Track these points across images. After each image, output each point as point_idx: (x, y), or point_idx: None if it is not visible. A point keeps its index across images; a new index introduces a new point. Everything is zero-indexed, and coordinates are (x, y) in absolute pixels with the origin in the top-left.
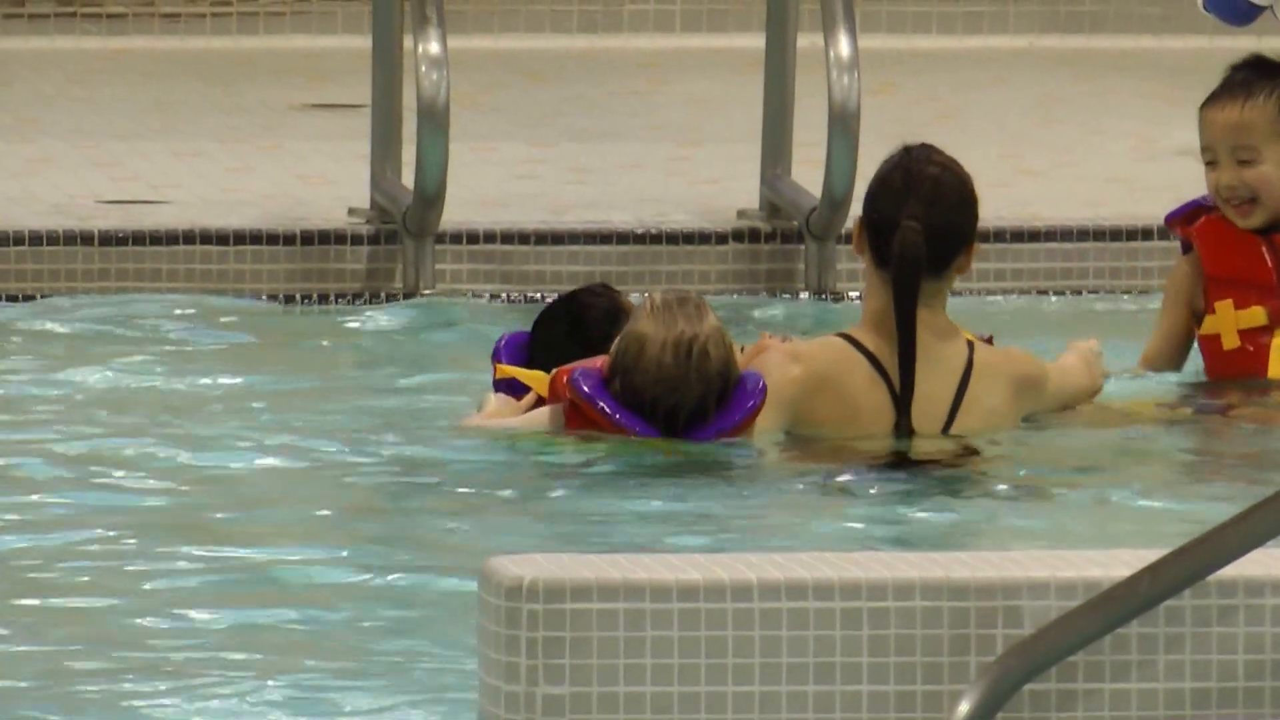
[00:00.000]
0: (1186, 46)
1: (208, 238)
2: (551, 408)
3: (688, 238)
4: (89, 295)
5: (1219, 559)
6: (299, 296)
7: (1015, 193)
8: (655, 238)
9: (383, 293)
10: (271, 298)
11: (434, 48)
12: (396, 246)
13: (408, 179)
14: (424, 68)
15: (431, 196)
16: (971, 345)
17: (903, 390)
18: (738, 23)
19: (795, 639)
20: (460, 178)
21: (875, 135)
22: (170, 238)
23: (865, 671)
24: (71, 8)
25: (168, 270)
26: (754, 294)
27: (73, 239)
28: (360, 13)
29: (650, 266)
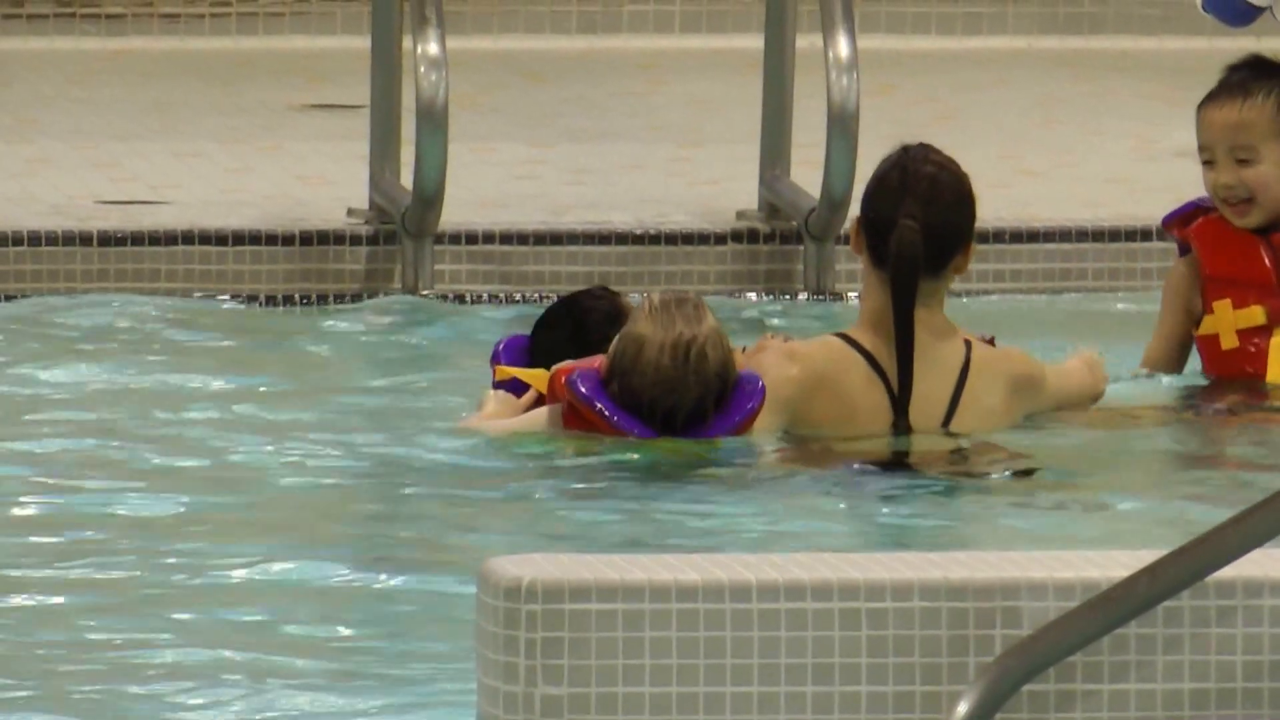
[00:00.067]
0: (1186, 47)
1: (207, 238)
2: (550, 408)
3: (687, 238)
4: (87, 295)
5: (1217, 560)
6: (298, 297)
7: (1015, 193)
8: (654, 238)
9: (382, 293)
10: (270, 298)
11: (433, 48)
12: (395, 247)
13: (407, 180)
14: (423, 68)
15: (430, 197)
16: (969, 344)
17: (900, 390)
18: (737, 23)
19: (793, 640)
20: (459, 178)
21: (874, 136)
22: (169, 238)
23: (864, 672)
24: (70, 8)
25: (167, 271)
26: (753, 295)
27: (72, 240)
28: (359, 13)
29: (649, 267)
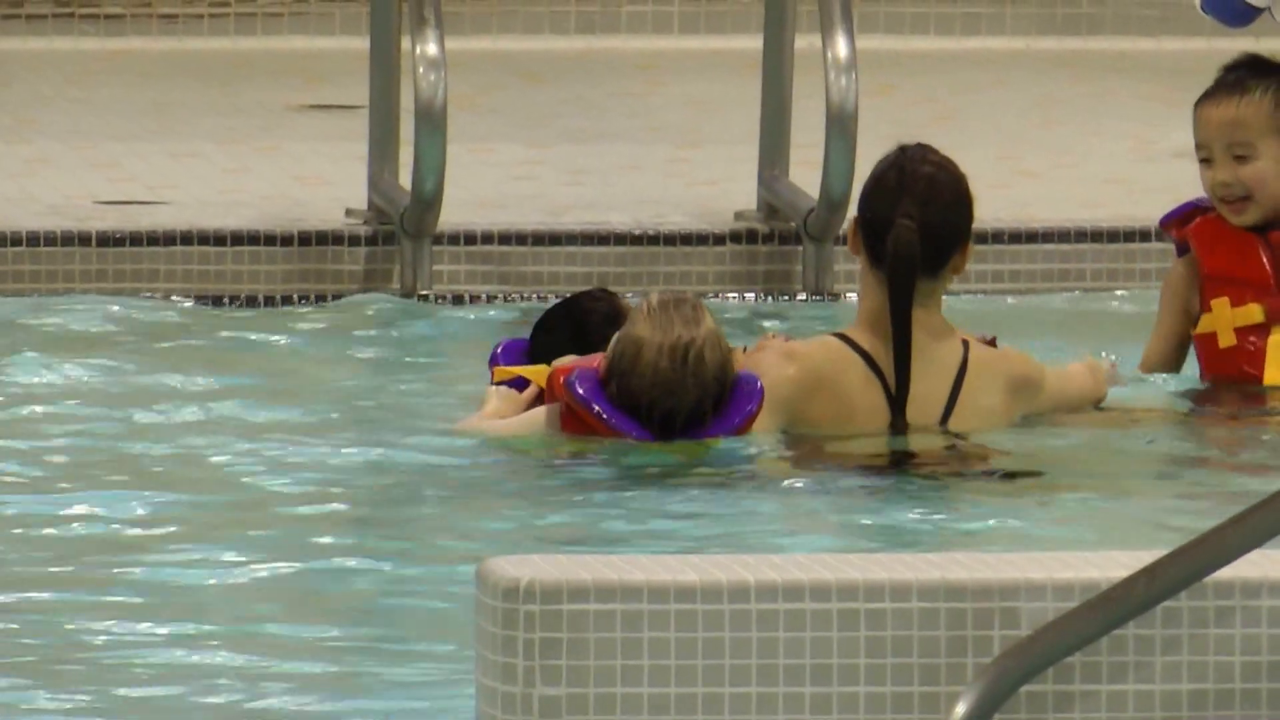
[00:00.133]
0: (1184, 48)
1: (205, 239)
2: (548, 408)
3: (685, 239)
4: (86, 295)
5: (1216, 561)
6: (296, 297)
7: (1014, 194)
8: (653, 239)
9: (380, 294)
10: (269, 298)
11: (431, 49)
12: (394, 247)
13: (405, 180)
14: (421, 69)
15: (429, 198)
16: (966, 344)
17: (898, 389)
18: (735, 24)
19: (792, 640)
20: (458, 179)
21: (873, 136)
22: (168, 238)
23: (862, 673)
24: (69, 8)
25: (165, 271)
26: (751, 295)
27: (70, 240)
28: (358, 14)
29: (648, 268)
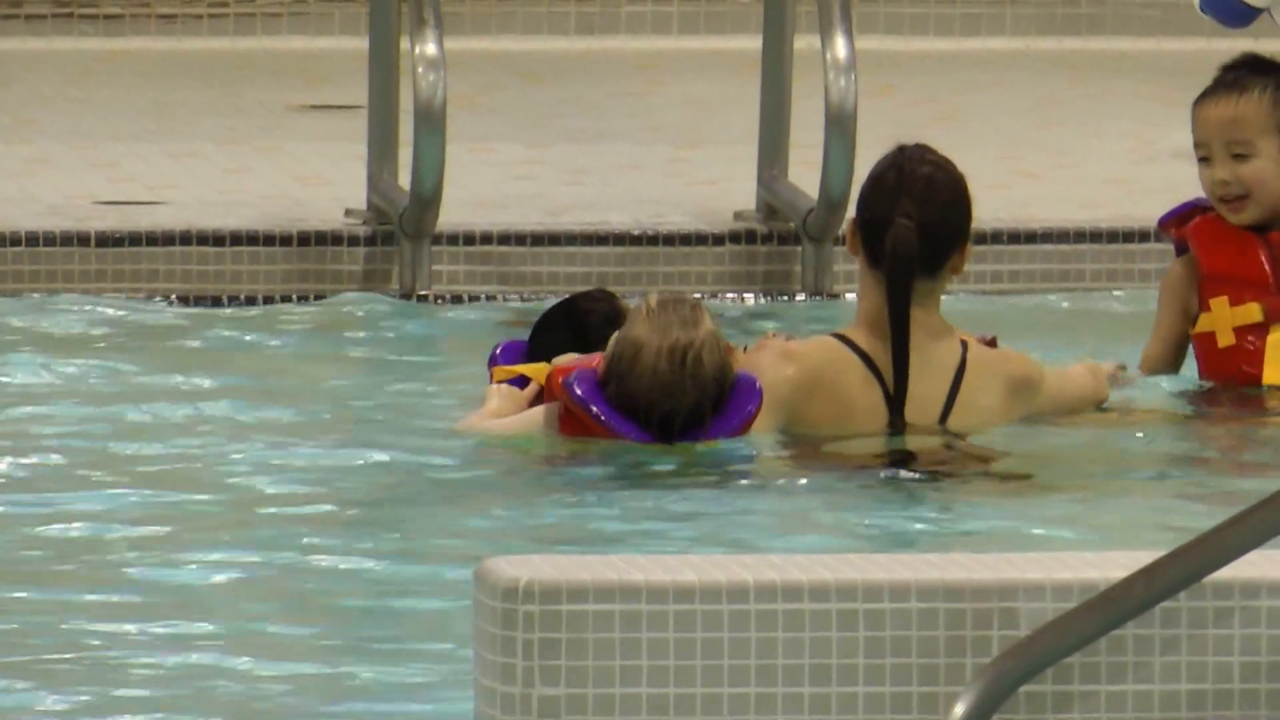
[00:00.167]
0: (1184, 48)
1: (204, 239)
2: (546, 407)
3: (684, 239)
4: (84, 295)
5: (1215, 561)
6: (295, 297)
7: (1013, 194)
8: (652, 239)
9: (379, 294)
10: (268, 299)
11: (431, 49)
12: (393, 248)
13: (404, 180)
14: (421, 69)
15: (428, 198)
16: (965, 344)
17: (896, 389)
18: (735, 24)
19: (791, 641)
20: (457, 179)
21: (873, 137)
22: (167, 239)
23: (861, 673)
24: (68, 8)
25: (164, 271)
26: (750, 296)
27: (69, 240)
28: (357, 14)
29: (647, 268)
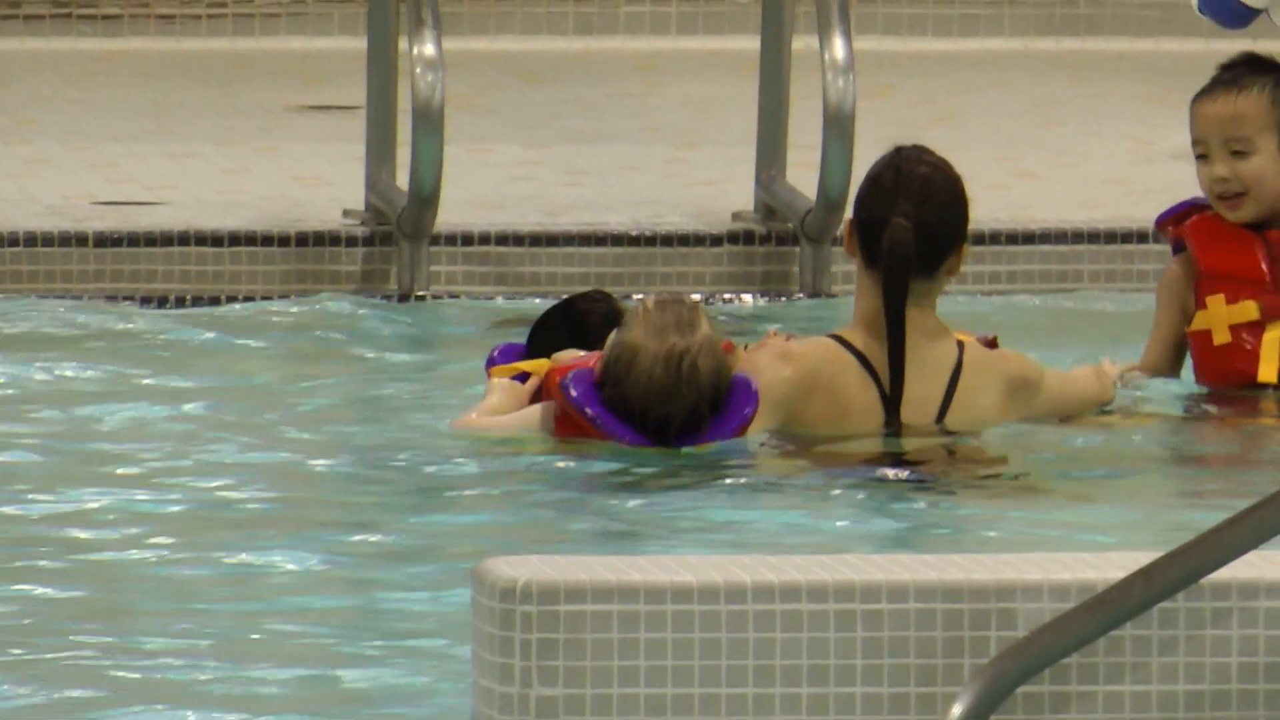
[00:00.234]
0: (1183, 49)
1: (203, 239)
2: (543, 406)
3: (683, 240)
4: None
5: (1213, 561)
6: (293, 298)
7: (1013, 195)
8: (650, 240)
9: (377, 294)
10: (266, 299)
11: (429, 49)
12: (391, 248)
13: (403, 181)
14: (419, 69)
15: (426, 198)
16: (961, 345)
17: (892, 390)
18: (734, 25)
19: (789, 641)
20: (456, 179)
21: (872, 138)
22: (165, 239)
23: (859, 674)
24: (67, 9)
25: (163, 271)
26: (749, 296)
27: (68, 240)
28: (356, 14)
29: (645, 268)
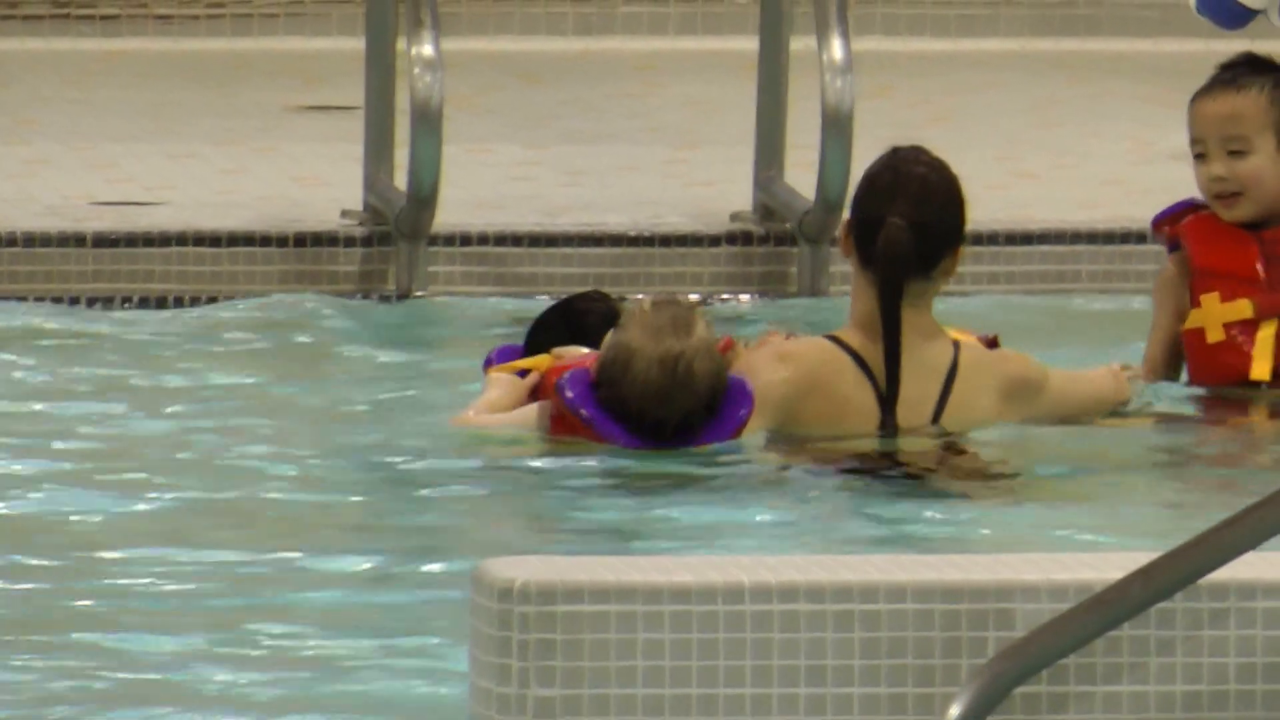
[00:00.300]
0: (1183, 49)
1: (201, 239)
2: (539, 406)
3: (681, 240)
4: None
5: (1211, 562)
6: (292, 298)
7: (1012, 195)
8: (648, 240)
9: (375, 295)
10: (264, 299)
11: (427, 50)
12: (390, 248)
13: (401, 181)
14: (417, 70)
15: (424, 199)
16: (957, 346)
17: (888, 390)
18: (732, 25)
19: (787, 641)
20: (455, 179)
21: (871, 138)
22: (164, 239)
23: (857, 674)
24: (66, 9)
25: (161, 272)
26: (747, 296)
27: (66, 240)
28: (355, 15)
29: (644, 269)
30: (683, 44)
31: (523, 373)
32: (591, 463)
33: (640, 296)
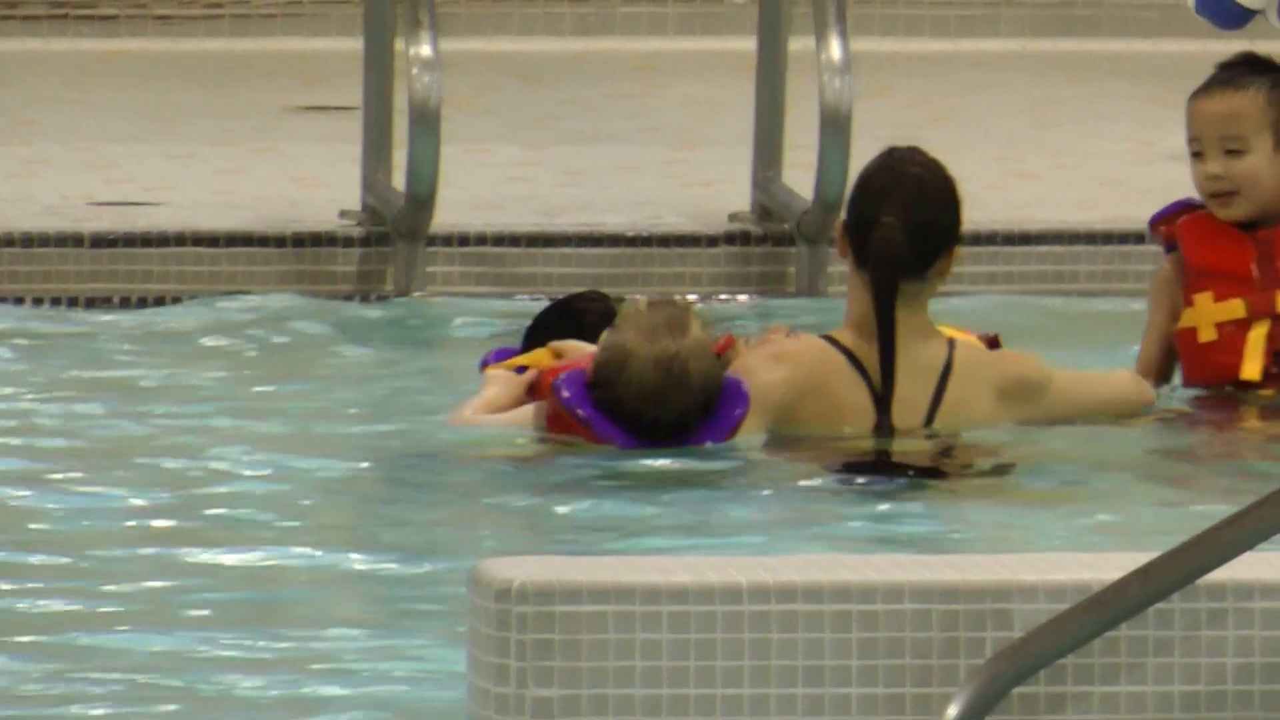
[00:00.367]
0: (1181, 50)
1: (200, 240)
2: (536, 405)
3: (679, 240)
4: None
5: (1209, 562)
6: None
7: (1011, 195)
8: (647, 240)
9: (374, 295)
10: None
11: (425, 50)
12: (388, 249)
13: (399, 181)
14: (415, 70)
15: (422, 199)
16: (952, 345)
17: (883, 390)
18: (731, 25)
19: (784, 642)
20: (454, 180)
21: (869, 139)
22: (162, 240)
23: (854, 674)
24: (64, 9)
25: (159, 272)
26: (745, 297)
27: (64, 241)
28: (353, 15)
29: (642, 269)
30: (681, 44)
31: (520, 369)
32: (588, 463)
33: (637, 297)
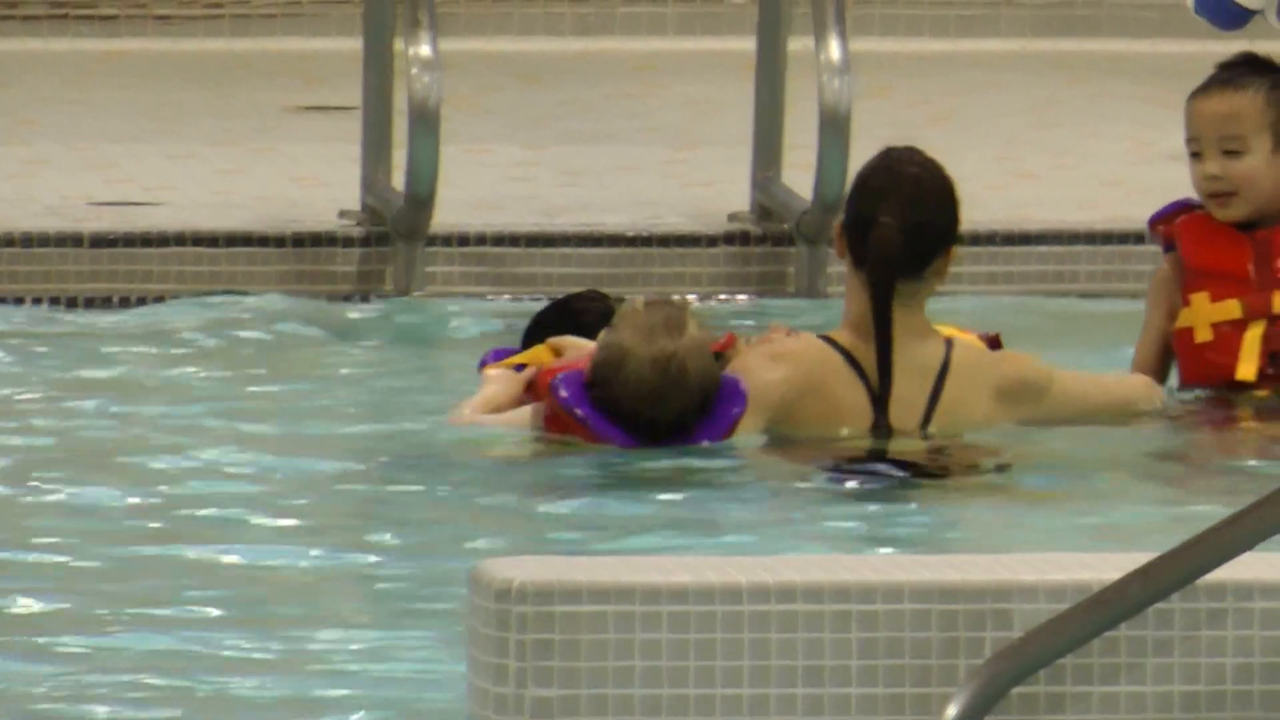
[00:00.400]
0: (1182, 50)
1: (200, 240)
2: (534, 406)
3: (679, 240)
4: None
5: (1209, 562)
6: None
7: (1010, 195)
8: (646, 240)
9: (373, 295)
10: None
11: (425, 50)
12: (388, 249)
13: (399, 181)
14: (415, 70)
15: (422, 199)
16: (950, 345)
17: (880, 390)
18: (731, 25)
19: (784, 642)
20: (454, 180)
21: (869, 139)
22: (162, 240)
23: (854, 674)
24: (64, 9)
25: (159, 272)
26: (744, 297)
27: (64, 241)
28: (353, 15)
29: (642, 269)
30: (681, 44)
31: (519, 367)
32: (587, 462)
33: (634, 297)
